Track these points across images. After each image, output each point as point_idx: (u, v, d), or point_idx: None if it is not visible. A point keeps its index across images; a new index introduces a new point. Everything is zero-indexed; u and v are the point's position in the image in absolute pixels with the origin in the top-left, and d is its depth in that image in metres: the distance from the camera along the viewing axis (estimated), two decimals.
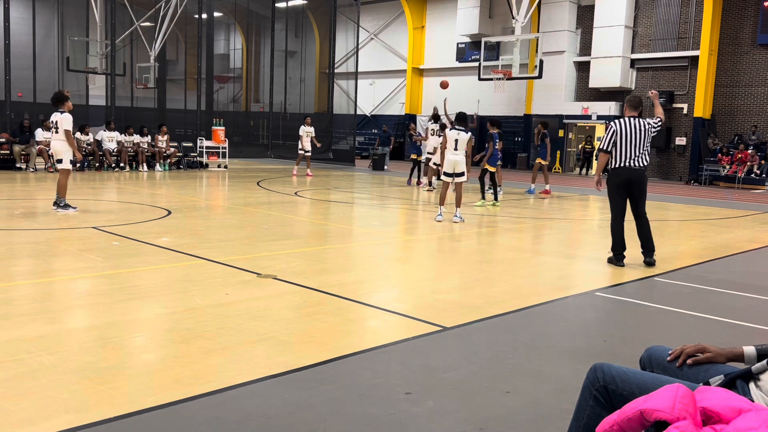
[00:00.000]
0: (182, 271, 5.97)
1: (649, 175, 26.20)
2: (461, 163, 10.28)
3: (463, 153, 10.31)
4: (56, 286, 5.31)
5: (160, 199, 11.60)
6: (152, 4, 23.50)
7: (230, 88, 34.79)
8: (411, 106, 32.07)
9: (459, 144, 10.28)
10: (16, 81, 20.74)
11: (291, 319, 4.61)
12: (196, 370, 3.54)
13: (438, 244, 8.60)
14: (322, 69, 31.76)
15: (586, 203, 14.95)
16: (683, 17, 23.97)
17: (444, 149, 10.47)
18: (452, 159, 10.33)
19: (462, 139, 10.27)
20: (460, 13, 28.50)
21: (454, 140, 10.29)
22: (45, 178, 15.12)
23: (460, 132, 10.31)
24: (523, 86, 27.05)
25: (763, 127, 22.40)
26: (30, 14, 23.75)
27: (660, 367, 2.30)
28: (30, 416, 2.91)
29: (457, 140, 10.28)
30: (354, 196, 13.60)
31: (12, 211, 9.37)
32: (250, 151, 27.52)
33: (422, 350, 4.04)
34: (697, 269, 7.13)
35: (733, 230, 10.59)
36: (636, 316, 5.13)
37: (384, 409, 3.16)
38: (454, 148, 10.29)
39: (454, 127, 10.43)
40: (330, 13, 27.83)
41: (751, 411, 1.67)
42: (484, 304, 5.20)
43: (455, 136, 10.29)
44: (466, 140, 10.27)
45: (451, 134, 10.32)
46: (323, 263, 6.74)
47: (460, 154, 10.28)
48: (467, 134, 10.33)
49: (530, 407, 3.27)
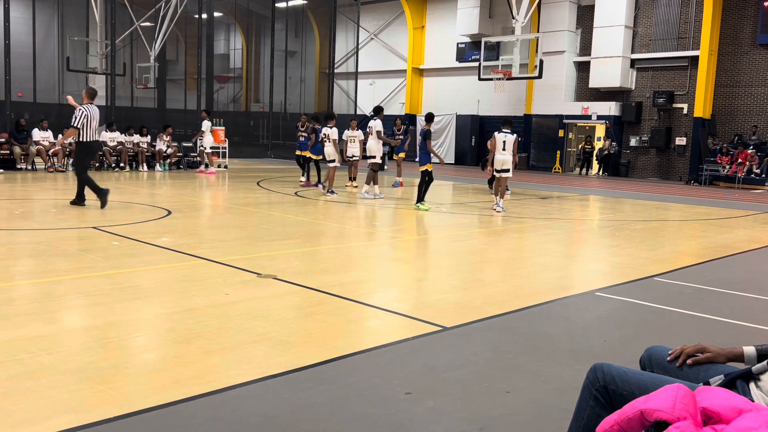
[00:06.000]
0: (182, 271, 5.97)
1: (649, 175, 26.02)
2: (508, 161, 11.68)
3: (510, 152, 11.72)
4: (56, 286, 5.31)
5: (160, 199, 11.60)
6: (152, 4, 23.51)
7: (230, 88, 34.81)
8: (411, 106, 32.07)
9: (506, 145, 11.69)
10: (16, 81, 20.75)
11: (291, 319, 4.61)
12: (196, 370, 3.54)
13: (438, 244, 8.60)
14: (322, 69, 31.77)
15: (586, 203, 14.95)
16: (683, 17, 23.97)
17: (493, 150, 11.90)
18: (500, 158, 11.73)
19: (509, 141, 11.66)
20: (460, 13, 28.49)
21: (503, 141, 11.68)
22: (44, 178, 15.12)
23: (507, 134, 11.68)
24: (523, 86, 27.04)
25: (763, 127, 22.40)
26: (30, 14, 23.77)
27: (660, 367, 2.30)
28: (30, 416, 2.91)
29: (505, 141, 11.67)
30: (354, 196, 13.60)
31: (12, 211, 9.37)
32: (250, 151, 27.53)
33: (422, 350, 4.04)
34: (697, 269, 7.12)
35: (733, 230, 10.59)
36: (636, 316, 5.13)
37: (384, 409, 3.16)
38: (502, 149, 11.70)
39: (502, 130, 11.77)
40: (330, 13, 27.83)
41: (752, 411, 1.67)
42: (484, 304, 5.20)
43: (503, 138, 11.67)
44: (513, 141, 11.68)
45: (500, 136, 11.67)
46: (323, 263, 6.74)
47: (508, 153, 11.70)
48: (513, 136, 11.72)
49: (530, 407, 3.27)
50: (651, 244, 8.71)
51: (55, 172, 16.58)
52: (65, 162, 17.30)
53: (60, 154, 17.07)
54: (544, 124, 27.13)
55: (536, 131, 27.26)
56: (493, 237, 9.17)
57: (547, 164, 27.11)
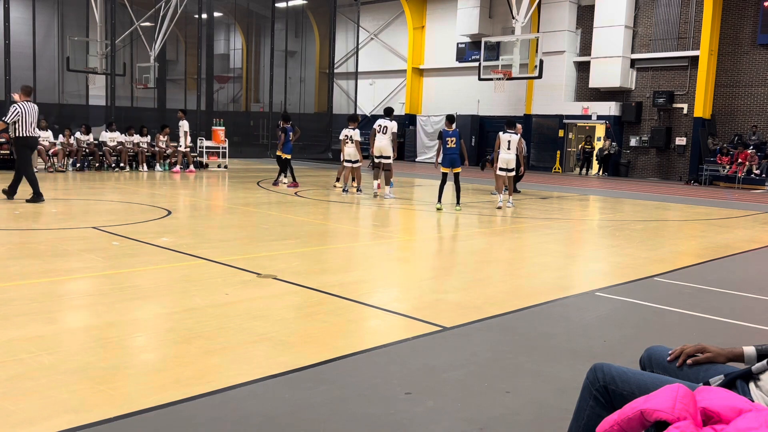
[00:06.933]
0: (182, 271, 5.98)
1: (649, 175, 26.03)
2: (512, 160, 12.44)
3: (515, 152, 12.45)
4: (56, 286, 5.31)
5: (160, 199, 11.60)
6: (152, 4, 23.51)
7: (230, 88, 34.81)
8: (411, 106, 32.08)
9: (511, 144, 12.42)
10: (16, 81, 20.73)
11: (291, 319, 4.61)
12: (196, 370, 3.54)
13: (438, 244, 8.60)
14: (322, 69, 31.77)
15: (586, 203, 14.95)
16: (683, 17, 23.97)
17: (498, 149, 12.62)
18: (505, 157, 12.45)
19: (513, 140, 12.41)
20: (460, 13, 28.50)
21: (507, 141, 12.37)
22: (44, 178, 15.12)
23: (512, 135, 12.38)
24: (523, 86, 27.04)
25: (763, 127, 22.40)
26: (30, 14, 23.77)
27: (660, 367, 2.30)
28: (30, 416, 2.91)
29: (510, 141, 12.36)
30: (354, 196, 13.60)
31: (12, 211, 9.37)
32: (250, 151, 27.52)
33: (422, 350, 4.04)
34: (697, 269, 7.13)
35: (733, 230, 10.59)
36: (636, 316, 5.13)
37: (384, 409, 3.16)
38: (507, 148, 12.39)
39: (506, 130, 12.50)
40: (330, 13, 27.83)
41: (752, 411, 1.67)
42: (484, 304, 5.20)
43: (508, 138, 12.37)
44: (517, 141, 12.50)
45: (504, 137, 12.39)
46: (323, 263, 6.74)
47: (512, 153, 12.42)
48: (517, 136, 12.55)
49: (530, 407, 3.27)
50: (651, 244, 8.71)
51: (55, 171, 16.58)
52: (65, 162, 17.30)
53: (60, 154, 17.07)
54: (544, 124, 27.13)
55: (536, 131, 27.26)
56: (493, 237, 9.17)
57: (547, 164, 27.11)
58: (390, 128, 13.59)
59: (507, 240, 8.95)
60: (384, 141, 13.51)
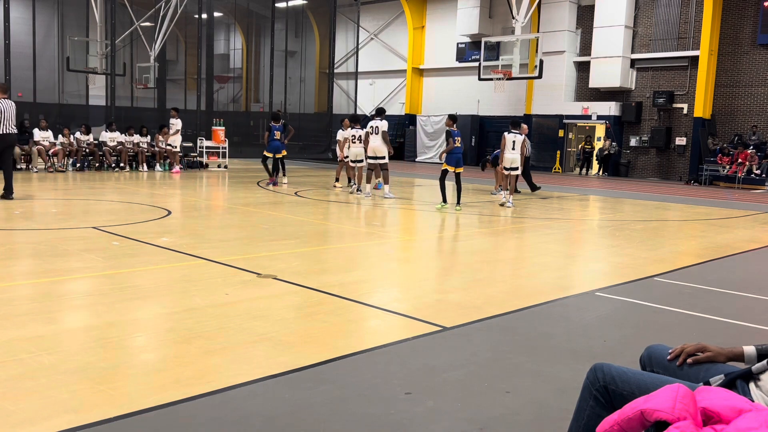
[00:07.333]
0: (182, 271, 5.98)
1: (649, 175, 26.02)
2: (517, 160, 12.82)
3: (519, 152, 12.82)
4: (56, 286, 5.31)
5: (160, 199, 11.60)
6: (152, 4, 23.51)
7: (230, 88, 34.82)
8: (411, 106, 32.07)
9: (516, 145, 12.80)
10: (16, 81, 20.76)
11: (291, 319, 4.61)
12: (196, 370, 3.54)
13: (438, 244, 8.60)
14: (322, 69, 31.78)
15: (586, 203, 14.95)
16: (683, 17, 23.97)
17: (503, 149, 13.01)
18: (509, 157, 12.82)
19: (518, 141, 12.84)
20: (460, 13, 28.49)
21: (512, 141, 12.79)
22: (45, 178, 15.12)
23: (516, 135, 12.81)
24: (523, 86, 27.04)
25: (763, 127, 22.39)
26: (30, 14, 23.77)
27: (660, 367, 2.30)
28: (30, 416, 2.91)
29: (514, 141, 12.80)
30: (354, 196, 13.60)
31: (12, 211, 9.37)
32: (250, 151, 27.49)
33: (422, 350, 4.04)
34: (697, 269, 7.12)
35: (733, 230, 10.59)
36: (636, 316, 5.13)
37: (384, 409, 3.16)
38: (511, 148, 12.80)
39: (511, 131, 12.89)
40: (330, 13, 27.83)
41: (752, 411, 1.67)
42: (484, 304, 5.20)
43: (513, 138, 12.80)
44: (521, 141, 12.95)
45: (510, 137, 12.81)
46: (323, 263, 6.74)
47: (517, 152, 12.82)
48: (522, 137, 13.00)
49: (530, 407, 3.27)
50: (651, 244, 8.71)
51: (55, 171, 16.58)
52: (65, 162, 17.30)
53: (60, 154, 17.07)
54: (544, 124, 27.13)
55: (536, 131, 27.24)
56: (493, 237, 9.17)
57: (547, 164, 27.10)
58: (380, 128, 13.65)
59: (507, 240, 8.95)
60: (377, 141, 13.58)
